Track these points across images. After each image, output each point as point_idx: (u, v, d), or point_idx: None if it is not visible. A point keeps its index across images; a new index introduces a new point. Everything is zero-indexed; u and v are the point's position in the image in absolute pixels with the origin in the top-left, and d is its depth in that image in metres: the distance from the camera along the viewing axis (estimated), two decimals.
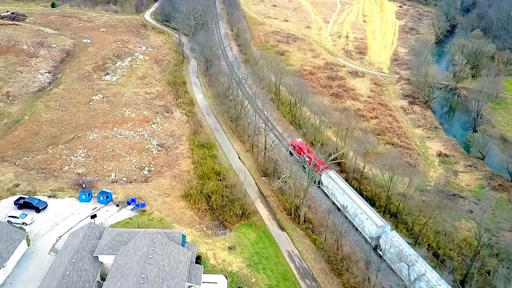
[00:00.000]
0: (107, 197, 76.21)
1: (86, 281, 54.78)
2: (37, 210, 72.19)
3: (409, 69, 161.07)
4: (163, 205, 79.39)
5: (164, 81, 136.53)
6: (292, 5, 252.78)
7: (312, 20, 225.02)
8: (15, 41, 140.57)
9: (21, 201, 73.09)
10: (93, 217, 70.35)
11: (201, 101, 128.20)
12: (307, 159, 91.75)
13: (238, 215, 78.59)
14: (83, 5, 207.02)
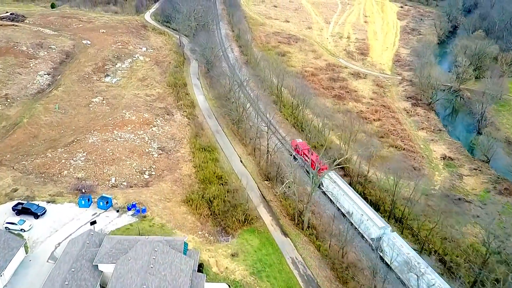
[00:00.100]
0: (107, 202, 74.69)
1: None
2: (35, 216, 70.65)
3: (411, 70, 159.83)
4: (164, 210, 77.90)
5: (164, 82, 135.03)
6: (293, 6, 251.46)
7: (313, 21, 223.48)
8: (14, 42, 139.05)
9: (19, 207, 71.59)
10: (93, 223, 68.75)
11: (202, 103, 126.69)
12: (309, 161, 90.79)
13: (240, 220, 77.11)
14: (83, 6, 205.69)
